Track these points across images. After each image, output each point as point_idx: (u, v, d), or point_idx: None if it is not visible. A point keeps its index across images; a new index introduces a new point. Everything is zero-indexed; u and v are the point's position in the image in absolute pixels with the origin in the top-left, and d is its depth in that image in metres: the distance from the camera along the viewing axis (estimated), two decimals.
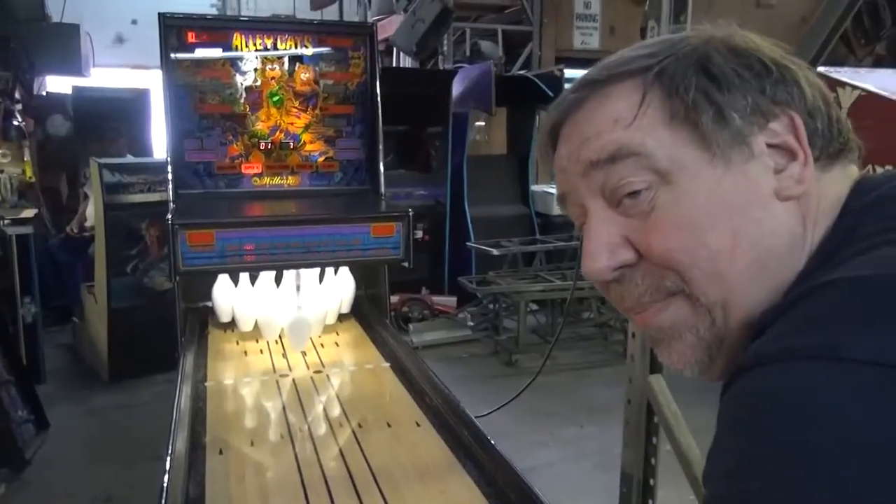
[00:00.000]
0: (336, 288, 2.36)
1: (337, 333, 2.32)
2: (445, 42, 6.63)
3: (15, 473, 2.91)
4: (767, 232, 0.51)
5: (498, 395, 2.95)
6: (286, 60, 2.42)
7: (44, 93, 5.89)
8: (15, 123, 4.74)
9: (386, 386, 1.89)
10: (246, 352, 2.15)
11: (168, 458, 1.35)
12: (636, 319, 0.57)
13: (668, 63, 0.53)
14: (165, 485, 1.25)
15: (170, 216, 2.04)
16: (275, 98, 2.41)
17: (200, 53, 2.36)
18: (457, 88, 5.42)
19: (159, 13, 2.34)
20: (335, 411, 1.72)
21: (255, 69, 2.39)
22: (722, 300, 0.52)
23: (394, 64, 7.00)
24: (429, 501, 1.28)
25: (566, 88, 0.59)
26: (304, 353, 2.12)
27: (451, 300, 5.08)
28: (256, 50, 2.39)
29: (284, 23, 3.16)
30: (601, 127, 0.54)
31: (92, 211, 4.13)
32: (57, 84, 6.17)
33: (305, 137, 2.45)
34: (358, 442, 1.51)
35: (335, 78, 2.47)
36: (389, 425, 1.60)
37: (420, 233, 4.95)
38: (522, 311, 4.34)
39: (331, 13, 7.79)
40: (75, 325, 4.46)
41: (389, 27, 6.39)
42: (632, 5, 6.38)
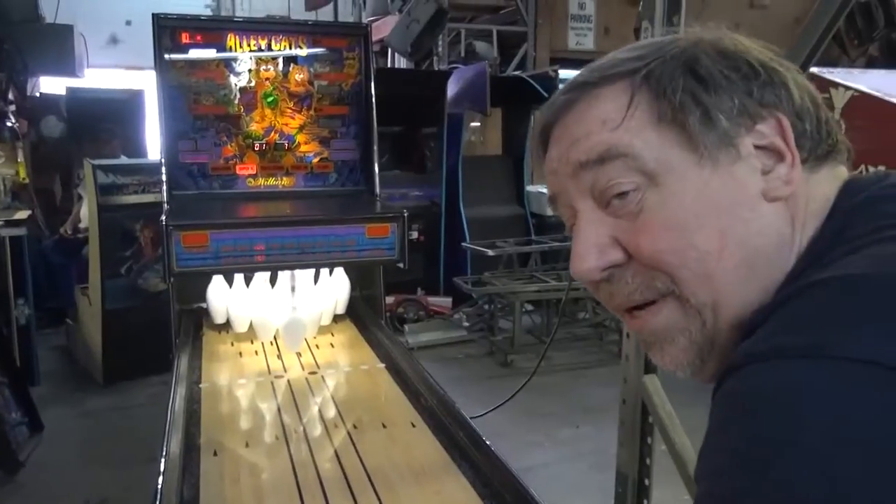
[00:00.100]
0: (331, 289, 2.36)
1: (332, 334, 2.32)
2: (440, 43, 6.63)
3: (8, 476, 2.90)
4: (755, 232, 0.51)
5: (493, 396, 2.95)
6: (280, 61, 2.42)
7: (37, 94, 5.87)
8: (8, 124, 4.72)
9: (381, 387, 1.89)
10: (241, 353, 2.15)
11: (162, 460, 1.35)
12: (629, 323, 0.57)
13: (656, 65, 0.53)
14: (160, 486, 1.24)
15: (164, 217, 2.04)
16: (269, 99, 2.40)
17: (194, 54, 2.36)
18: (452, 89, 5.42)
19: (153, 14, 2.33)
20: (330, 412, 1.72)
21: (250, 70, 2.38)
22: (712, 301, 0.52)
23: (389, 65, 7.01)
24: (424, 502, 1.28)
25: (558, 90, 0.59)
26: (299, 355, 2.11)
27: (447, 301, 5.09)
28: (251, 51, 2.39)
29: (279, 23, 3.16)
30: (590, 128, 0.54)
31: (86, 212, 4.12)
32: (51, 85, 6.16)
33: (300, 138, 2.45)
34: (353, 443, 1.51)
35: (330, 79, 2.47)
36: (385, 426, 1.60)
37: (415, 233, 4.95)
38: (518, 312, 4.35)
39: (325, 14, 7.79)
40: (69, 327, 4.45)
41: (384, 28, 6.40)
42: (626, 6, 6.39)
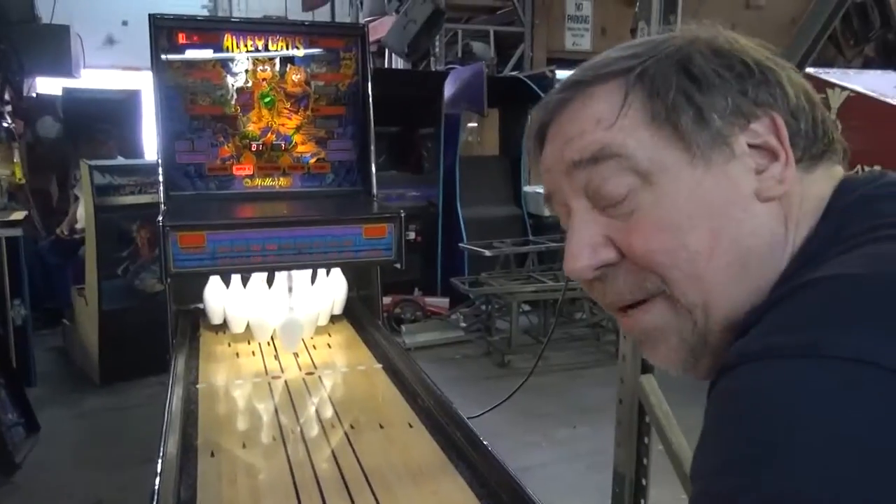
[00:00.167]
0: (328, 289, 2.35)
1: (329, 335, 2.32)
2: (437, 43, 6.64)
3: (5, 477, 2.90)
4: (748, 232, 0.51)
5: (490, 396, 2.95)
6: (277, 61, 2.42)
7: (34, 94, 5.86)
8: (4, 125, 4.71)
9: (378, 387, 1.89)
10: (238, 354, 2.15)
11: (159, 461, 1.34)
12: (621, 322, 0.57)
13: (650, 64, 0.53)
14: (157, 487, 1.24)
15: (161, 218, 2.03)
16: (266, 99, 2.40)
17: (191, 55, 2.35)
18: (449, 89, 5.42)
19: (149, 14, 2.33)
20: (327, 413, 1.72)
21: (247, 70, 2.38)
22: (702, 302, 0.52)
23: (386, 65, 7.01)
24: (421, 503, 1.28)
25: (553, 88, 0.59)
26: (296, 355, 2.11)
27: (444, 301, 5.09)
28: (247, 51, 2.38)
29: (275, 24, 3.15)
30: (584, 127, 0.54)
31: (82, 213, 4.12)
32: (47, 85, 6.14)
33: (297, 139, 2.44)
34: (350, 443, 1.51)
35: (326, 79, 2.47)
36: (382, 427, 1.60)
37: (412, 234, 4.96)
38: (515, 312, 4.35)
39: (322, 14, 7.79)
40: (66, 328, 4.44)
41: (381, 28, 6.40)
42: (623, 6, 6.40)
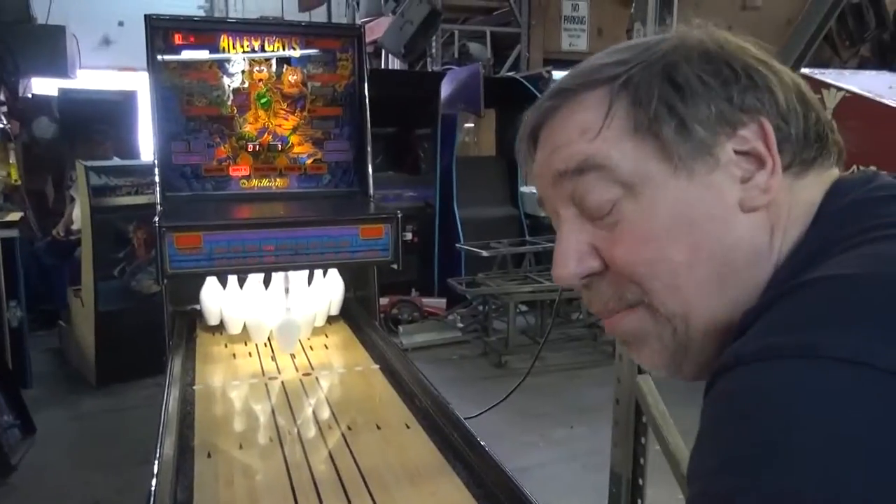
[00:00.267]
0: (325, 290, 2.35)
1: (326, 336, 2.32)
2: (434, 44, 6.64)
3: (1, 479, 2.89)
4: (728, 246, 0.51)
5: (488, 397, 2.95)
6: (274, 62, 2.42)
7: (29, 95, 5.84)
8: (0, 126, 4.70)
9: (375, 388, 1.89)
10: (234, 355, 2.14)
11: (156, 462, 1.34)
12: (605, 324, 0.58)
13: (636, 72, 0.53)
14: (153, 489, 1.24)
15: (157, 219, 2.03)
16: (262, 100, 2.40)
17: (187, 55, 2.35)
18: (445, 90, 5.42)
19: (145, 15, 2.33)
20: (324, 414, 1.72)
21: (243, 71, 2.38)
22: (682, 312, 0.52)
23: (382, 66, 7.00)
24: (419, 503, 1.28)
25: (545, 93, 0.60)
26: (293, 356, 2.11)
27: (441, 302, 5.09)
28: (244, 52, 2.38)
29: (272, 24, 3.14)
30: (570, 137, 0.54)
31: (78, 214, 4.11)
32: (42, 86, 6.12)
33: (293, 139, 2.44)
34: (347, 444, 1.51)
35: (323, 80, 2.47)
36: (379, 427, 1.60)
37: (409, 234, 4.96)
38: (512, 313, 4.35)
39: (319, 15, 7.79)
40: (62, 329, 4.43)
41: (378, 29, 6.40)
42: (619, 7, 6.41)
